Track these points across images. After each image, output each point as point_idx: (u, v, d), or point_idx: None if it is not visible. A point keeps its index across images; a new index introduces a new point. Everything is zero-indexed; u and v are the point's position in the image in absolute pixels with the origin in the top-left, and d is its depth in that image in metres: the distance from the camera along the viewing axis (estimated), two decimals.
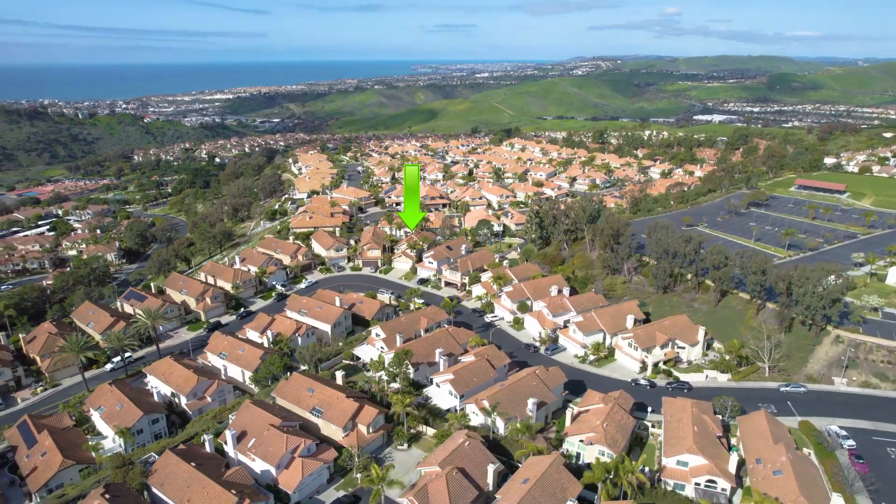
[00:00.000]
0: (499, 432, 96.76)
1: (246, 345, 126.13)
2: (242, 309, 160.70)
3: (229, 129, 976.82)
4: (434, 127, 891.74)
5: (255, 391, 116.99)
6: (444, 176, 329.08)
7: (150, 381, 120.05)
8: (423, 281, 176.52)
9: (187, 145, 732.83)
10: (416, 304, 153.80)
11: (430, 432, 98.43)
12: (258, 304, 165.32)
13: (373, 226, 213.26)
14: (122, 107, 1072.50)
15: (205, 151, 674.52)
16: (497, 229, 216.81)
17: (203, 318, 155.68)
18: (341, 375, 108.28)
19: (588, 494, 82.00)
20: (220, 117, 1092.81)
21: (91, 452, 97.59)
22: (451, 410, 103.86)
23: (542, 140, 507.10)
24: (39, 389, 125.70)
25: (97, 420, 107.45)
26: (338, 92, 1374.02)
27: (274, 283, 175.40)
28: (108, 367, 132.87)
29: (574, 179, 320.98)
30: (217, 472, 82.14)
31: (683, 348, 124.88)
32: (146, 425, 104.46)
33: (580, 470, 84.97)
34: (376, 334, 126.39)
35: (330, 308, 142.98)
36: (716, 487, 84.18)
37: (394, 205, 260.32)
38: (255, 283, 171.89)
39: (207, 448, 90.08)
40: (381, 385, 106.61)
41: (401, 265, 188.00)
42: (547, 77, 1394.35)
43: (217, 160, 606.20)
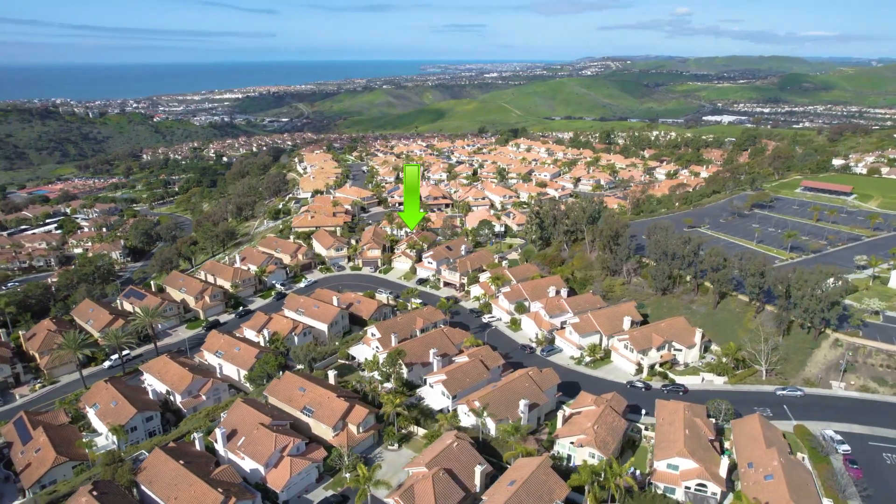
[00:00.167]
0: (490, 433, 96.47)
1: (242, 343, 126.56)
2: (241, 308, 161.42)
3: (238, 128, 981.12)
4: (441, 127, 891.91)
5: (250, 390, 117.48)
6: (447, 176, 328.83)
7: (146, 379, 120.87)
8: (422, 281, 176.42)
9: (196, 144, 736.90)
10: (413, 304, 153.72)
11: (420, 433, 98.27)
12: (257, 303, 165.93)
13: (374, 226, 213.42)
14: (132, 106, 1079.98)
15: (213, 150, 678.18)
16: (499, 230, 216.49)
17: (202, 316, 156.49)
18: (333, 375, 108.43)
19: (576, 497, 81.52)
20: (229, 116, 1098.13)
21: (84, 449, 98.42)
22: (444, 411, 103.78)
23: (549, 140, 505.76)
24: (38, 386, 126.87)
25: (92, 417, 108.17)
26: (346, 92, 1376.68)
27: (273, 282, 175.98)
28: (107, 364, 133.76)
29: (578, 180, 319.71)
30: (205, 470, 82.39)
31: (680, 350, 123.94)
32: (140, 423, 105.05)
33: (570, 472, 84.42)
34: (372, 334, 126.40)
35: (327, 307, 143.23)
36: (706, 491, 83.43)
37: (396, 204, 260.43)
38: (254, 282, 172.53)
39: (197, 446, 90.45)
40: (372, 385, 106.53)
41: (401, 265, 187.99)
42: (556, 77, 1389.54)
43: (225, 159, 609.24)
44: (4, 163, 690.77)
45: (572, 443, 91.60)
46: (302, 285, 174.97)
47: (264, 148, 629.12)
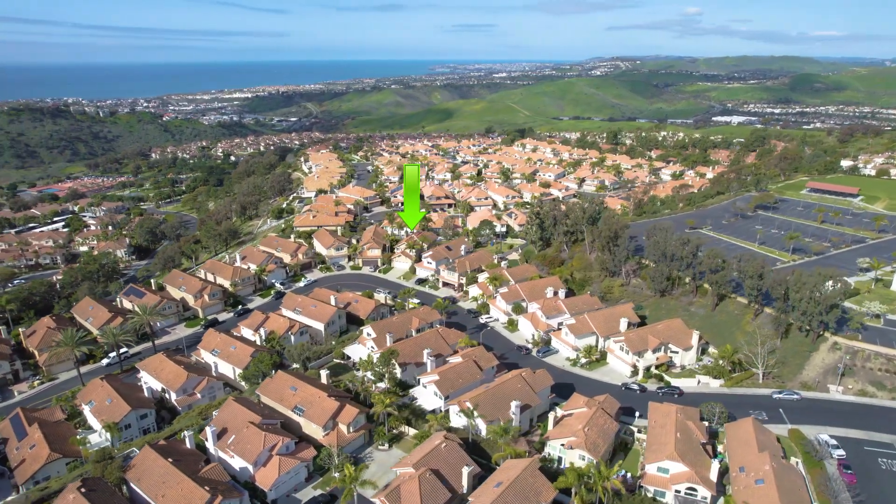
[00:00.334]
0: (481, 434, 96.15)
1: (238, 342, 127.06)
2: (240, 306, 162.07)
3: (247, 127, 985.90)
4: (449, 127, 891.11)
5: (245, 388, 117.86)
6: (451, 176, 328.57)
7: (142, 377, 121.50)
8: (421, 281, 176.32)
9: (204, 143, 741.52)
10: (411, 304, 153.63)
11: (411, 433, 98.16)
12: (256, 302, 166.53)
13: (374, 225, 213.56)
14: (143, 105, 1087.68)
15: (221, 150, 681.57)
16: (500, 230, 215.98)
17: (201, 314, 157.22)
18: (326, 374, 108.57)
19: (563, 499, 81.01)
20: (238, 116, 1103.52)
21: (78, 446, 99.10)
22: (436, 411, 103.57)
23: (555, 140, 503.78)
24: (36, 383, 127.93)
25: (88, 414, 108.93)
26: (355, 91, 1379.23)
27: (273, 281, 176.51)
28: (105, 362, 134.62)
29: (583, 180, 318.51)
30: (194, 468, 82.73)
31: (677, 353, 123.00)
32: (134, 420, 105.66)
33: (560, 474, 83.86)
34: (367, 334, 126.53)
35: (324, 307, 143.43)
36: (696, 495, 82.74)
37: (399, 204, 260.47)
38: (254, 281, 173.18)
39: (187, 444, 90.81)
40: (364, 385, 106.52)
41: (400, 265, 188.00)
42: (565, 77, 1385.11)
43: (232, 158, 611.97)
44: (16, 161, 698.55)
45: (563, 445, 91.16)
46: (301, 284, 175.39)
47: (272, 147, 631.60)
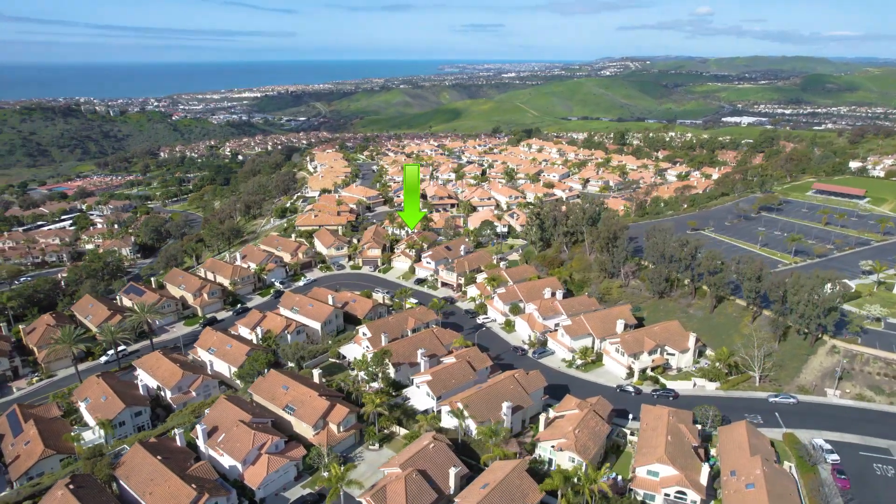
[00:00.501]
0: (472, 435, 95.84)
1: (234, 341, 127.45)
2: (239, 305, 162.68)
3: (255, 127, 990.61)
4: (456, 127, 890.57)
5: (240, 386, 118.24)
6: (455, 176, 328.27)
7: (139, 375, 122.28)
8: (420, 281, 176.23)
9: (212, 143, 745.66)
10: (409, 303, 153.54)
11: (402, 433, 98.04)
12: (255, 301, 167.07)
13: (375, 225, 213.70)
14: (153, 104, 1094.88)
15: (229, 149, 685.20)
16: (502, 230, 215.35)
17: (200, 313, 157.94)
18: (318, 374, 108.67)
19: (551, 501, 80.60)
20: (247, 115, 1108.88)
21: (72, 443, 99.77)
22: (429, 411, 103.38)
23: (562, 140, 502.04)
24: (35, 380, 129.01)
25: (84, 411, 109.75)
26: (364, 91, 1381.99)
27: (273, 279, 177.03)
28: (103, 359, 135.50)
29: (587, 181, 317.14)
30: (182, 465, 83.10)
31: (673, 355, 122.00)
32: (128, 418, 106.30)
33: (549, 476, 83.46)
34: (363, 333, 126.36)
35: (321, 306, 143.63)
36: (685, 499, 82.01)
37: (401, 204, 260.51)
38: (253, 280, 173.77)
39: (178, 442, 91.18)
40: (356, 384, 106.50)
41: (400, 265, 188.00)
42: (574, 77, 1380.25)
43: (240, 158, 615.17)
44: (28, 160, 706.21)
45: (553, 446, 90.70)
46: (301, 284, 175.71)
47: (279, 147, 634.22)
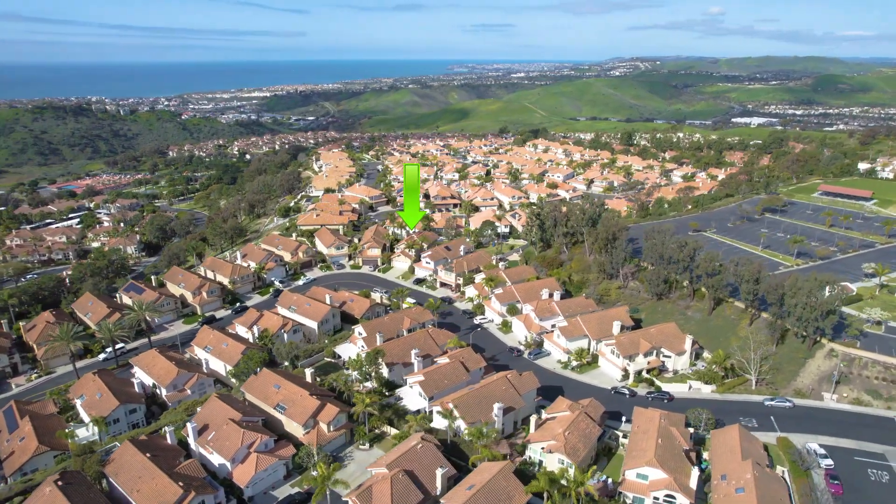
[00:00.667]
0: (462, 436, 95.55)
1: (230, 339, 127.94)
2: (238, 304, 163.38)
3: (264, 126, 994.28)
4: (464, 127, 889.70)
5: (235, 385, 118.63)
6: (459, 176, 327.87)
7: (135, 372, 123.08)
8: (419, 281, 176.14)
9: (221, 142, 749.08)
10: (406, 303, 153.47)
11: (392, 433, 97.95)
12: (255, 300, 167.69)
13: (375, 225, 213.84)
14: (163, 104, 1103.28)
15: (237, 148, 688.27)
16: (503, 231, 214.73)
17: (199, 311, 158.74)
18: (310, 373, 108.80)
19: (538, 502, 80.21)
20: (256, 115, 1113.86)
21: (65, 439, 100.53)
22: (421, 411, 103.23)
23: (569, 141, 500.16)
24: (34, 376, 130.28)
25: (79, 408, 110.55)
26: (372, 91, 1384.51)
27: (273, 279, 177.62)
28: (101, 357, 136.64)
29: (591, 181, 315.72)
30: (171, 463, 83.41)
31: (669, 357, 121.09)
32: (122, 415, 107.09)
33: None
34: (358, 333, 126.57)
35: (318, 306, 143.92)
36: (675, 503, 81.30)
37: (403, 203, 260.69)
38: (253, 279, 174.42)
39: (168, 440, 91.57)
40: (348, 384, 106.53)
41: (400, 264, 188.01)
42: (583, 78, 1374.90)
43: (248, 157, 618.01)
44: (39, 158, 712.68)
45: (543, 448, 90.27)
46: (300, 283, 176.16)
47: (287, 146, 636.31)
